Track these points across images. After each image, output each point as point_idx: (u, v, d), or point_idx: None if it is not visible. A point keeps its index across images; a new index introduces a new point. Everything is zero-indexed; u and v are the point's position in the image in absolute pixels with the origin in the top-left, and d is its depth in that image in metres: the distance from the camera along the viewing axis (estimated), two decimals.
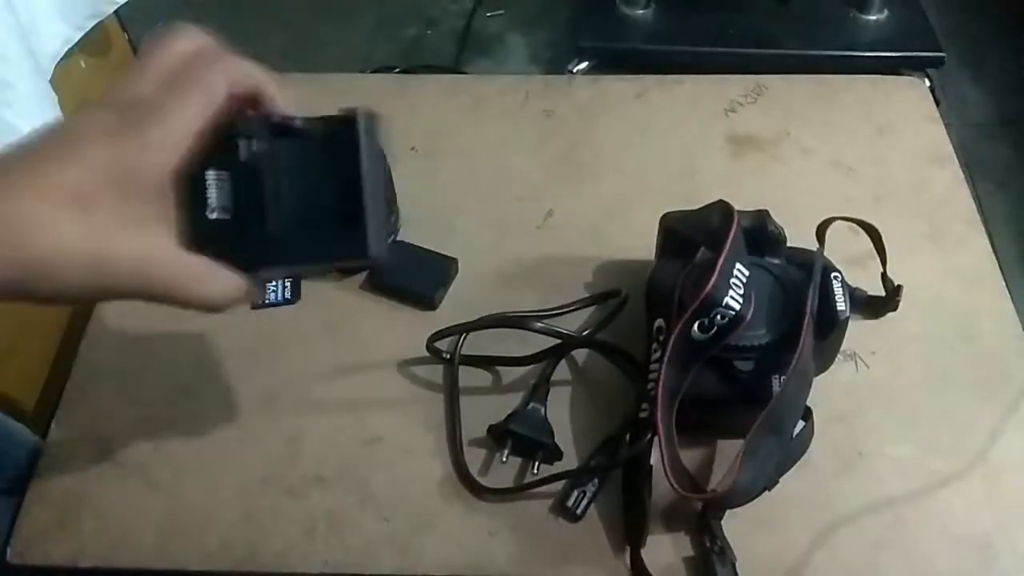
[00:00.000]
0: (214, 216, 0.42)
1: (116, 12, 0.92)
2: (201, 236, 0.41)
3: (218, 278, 0.41)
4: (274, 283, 0.70)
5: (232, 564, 0.57)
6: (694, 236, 0.60)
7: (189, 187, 0.41)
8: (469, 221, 0.74)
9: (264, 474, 0.60)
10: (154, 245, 0.39)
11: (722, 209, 0.59)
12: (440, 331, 0.64)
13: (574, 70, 1.64)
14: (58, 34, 0.85)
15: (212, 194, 0.42)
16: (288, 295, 0.69)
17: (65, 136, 0.38)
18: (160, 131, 0.38)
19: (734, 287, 0.54)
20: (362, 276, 0.70)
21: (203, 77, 0.39)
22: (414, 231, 0.72)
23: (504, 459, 0.59)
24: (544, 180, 0.77)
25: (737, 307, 0.54)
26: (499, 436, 0.59)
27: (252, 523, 0.58)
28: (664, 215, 0.63)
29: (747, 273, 0.55)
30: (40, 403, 0.78)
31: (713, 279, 0.53)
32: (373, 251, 0.43)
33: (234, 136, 0.42)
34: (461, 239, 0.73)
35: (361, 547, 0.57)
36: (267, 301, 0.69)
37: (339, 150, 0.43)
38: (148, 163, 0.37)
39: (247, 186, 0.42)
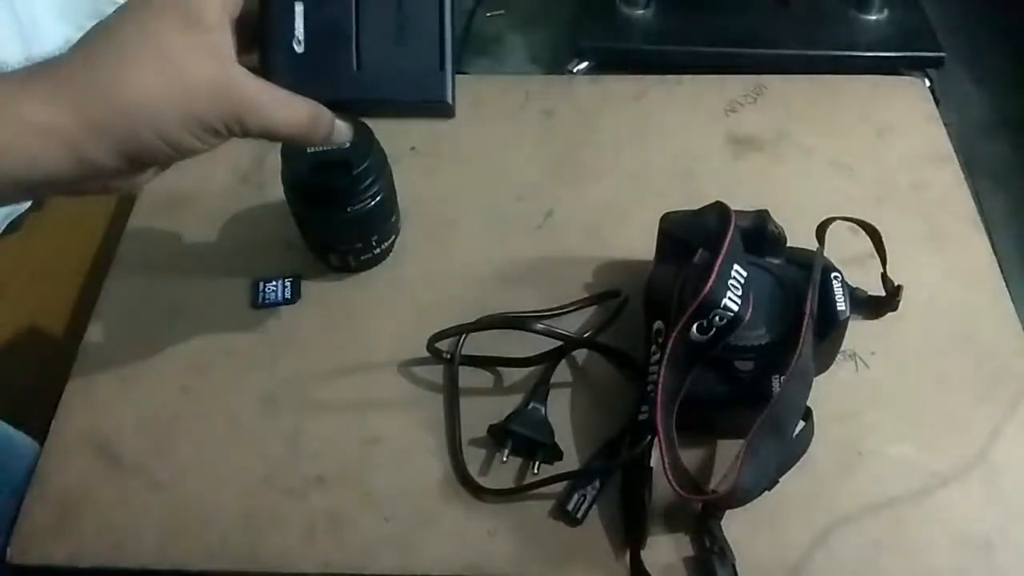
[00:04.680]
0: (300, 47, 0.44)
1: None
2: (284, 66, 0.43)
3: (295, 102, 0.43)
4: (274, 283, 0.70)
5: (232, 564, 0.57)
6: (691, 238, 0.60)
7: (273, 17, 0.43)
8: (469, 221, 0.74)
9: (264, 474, 0.60)
10: (229, 70, 0.41)
11: (719, 211, 0.59)
12: (440, 331, 0.64)
13: (574, 70, 1.64)
14: (58, 34, 0.85)
15: (299, 25, 0.43)
16: (288, 295, 0.69)
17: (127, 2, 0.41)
18: None
19: (732, 288, 0.54)
20: (365, 276, 0.70)
21: None
22: (414, 231, 0.72)
23: (504, 459, 0.59)
24: (544, 180, 0.77)
25: (735, 308, 0.54)
26: (499, 436, 0.59)
27: (252, 523, 0.58)
28: (663, 216, 0.63)
29: (745, 274, 0.55)
30: (40, 404, 0.78)
31: (711, 281, 0.53)
32: (450, 98, 0.45)
33: None
34: (461, 239, 0.73)
35: (361, 547, 0.57)
36: (267, 301, 0.69)
37: None
38: None
39: (334, 20, 0.44)
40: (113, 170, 0.40)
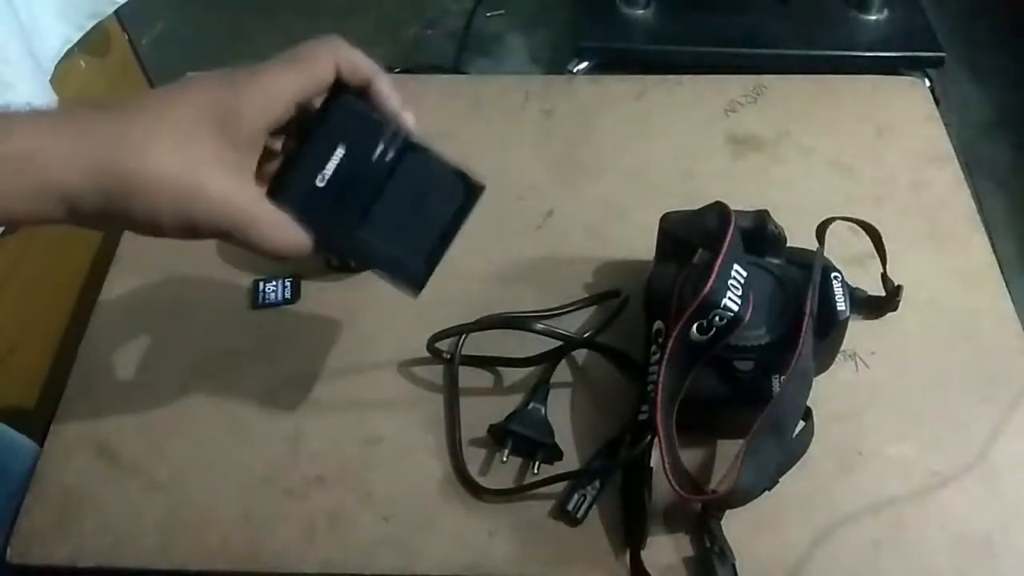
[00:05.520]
0: (322, 184, 0.45)
1: (116, 12, 0.92)
2: (296, 191, 0.45)
3: (291, 231, 0.45)
4: (274, 283, 0.70)
5: (232, 564, 0.57)
6: (691, 238, 0.60)
7: (312, 148, 0.45)
8: (469, 221, 0.74)
9: (264, 474, 0.60)
10: (241, 187, 0.42)
11: (719, 211, 0.59)
12: (440, 331, 0.64)
13: (574, 70, 1.64)
14: (58, 34, 0.85)
15: (331, 166, 0.45)
16: (288, 295, 0.69)
17: (178, 84, 0.42)
18: (256, 88, 0.42)
19: (732, 288, 0.54)
20: (365, 276, 0.70)
21: (310, 54, 0.43)
22: None
23: (504, 459, 0.59)
24: (544, 180, 0.77)
25: (735, 308, 0.54)
26: (499, 436, 0.59)
27: (252, 523, 0.58)
28: (663, 216, 0.63)
29: (745, 274, 0.55)
30: (40, 404, 0.78)
31: (711, 281, 0.53)
32: (418, 294, 0.48)
33: (377, 131, 0.45)
34: (461, 239, 0.73)
35: (361, 547, 0.57)
36: (267, 301, 0.69)
37: (448, 200, 0.50)
38: (242, 110, 0.41)
39: (363, 178, 0.46)
40: (92, 224, 0.42)
